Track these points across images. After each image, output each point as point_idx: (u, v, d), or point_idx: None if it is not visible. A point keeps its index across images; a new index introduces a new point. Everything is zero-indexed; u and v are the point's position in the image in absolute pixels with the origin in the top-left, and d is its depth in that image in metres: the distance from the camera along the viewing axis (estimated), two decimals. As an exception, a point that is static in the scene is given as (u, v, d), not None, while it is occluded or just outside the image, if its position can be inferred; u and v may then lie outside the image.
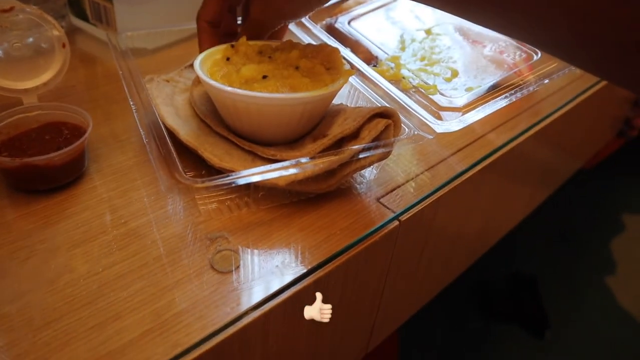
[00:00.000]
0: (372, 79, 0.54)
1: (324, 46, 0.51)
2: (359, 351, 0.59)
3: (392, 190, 0.50)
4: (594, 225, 1.97)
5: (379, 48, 0.62)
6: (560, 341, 1.55)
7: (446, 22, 0.67)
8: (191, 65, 0.57)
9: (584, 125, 0.87)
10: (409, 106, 0.50)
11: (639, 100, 1.11)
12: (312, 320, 0.45)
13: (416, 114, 0.49)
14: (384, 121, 0.46)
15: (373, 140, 0.45)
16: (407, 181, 0.52)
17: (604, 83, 0.79)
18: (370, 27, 0.66)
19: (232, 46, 0.51)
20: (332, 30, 0.67)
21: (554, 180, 0.96)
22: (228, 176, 0.40)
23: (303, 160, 0.42)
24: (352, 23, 0.67)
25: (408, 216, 0.48)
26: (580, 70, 0.80)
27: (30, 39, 0.59)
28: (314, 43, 0.52)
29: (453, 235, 0.63)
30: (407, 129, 0.47)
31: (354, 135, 0.46)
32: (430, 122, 0.49)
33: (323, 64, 0.49)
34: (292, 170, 0.42)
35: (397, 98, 0.51)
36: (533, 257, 1.82)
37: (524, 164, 0.71)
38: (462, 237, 0.67)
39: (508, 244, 1.78)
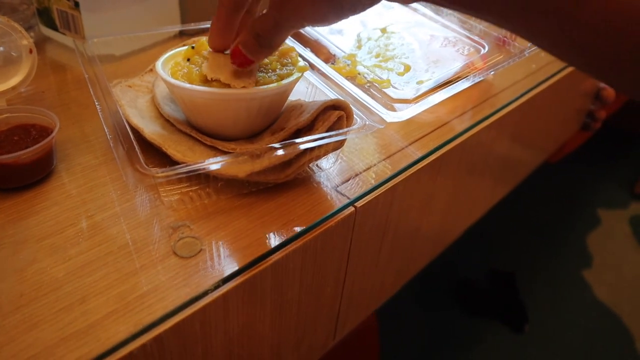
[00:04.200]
0: (329, 75, 0.56)
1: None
2: (325, 338, 0.61)
3: (347, 180, 0.53)
4: (566, 220, 2.02)
5: (336, 47, 0.65)
6: (539, 334, 1.59)
7: (400, 20, 0.70)
8: (151, 70, 0.60)
9: (542, 117, 0.91)
10: (362, 99, 0.53)
11: (600, 93, 1.15)
12: (274, 304, 0.48)
13: (368, 106, 0.52)
14: (336, 112, 0.48)
15: (327, 131, 0.48)
16: (365, 170, 0.55)
17: (560, 76, 0.83)
18: (329, 28, 0.69)
19: (193, 47, 0.53)
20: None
21: (516, 172, 0.99)
22: (187, 165, 0.42)
23: (258, 150, 0.45)
24: (313, 24, 0.70)
25: (364, 203, 0.51)
26: (536, 65, 0.84)
27: (1, 48, 0.61)
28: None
29: (413, 224, 0.66)
30: (359, 120, 0.50)
31: (309, 127, 0.49)
32: (381, 112, 0.51)
33: (279, 61, 0.52)
34: (246, 160, 0.44)
35: (351, 92, 0.54)
36: (510, 253, 1.86)
37: (482, 155, 0.74)
38: (424, 226, 0.69)
39: (485, 242, 1.83)
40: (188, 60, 0.52)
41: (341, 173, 0.54)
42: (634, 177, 2.17)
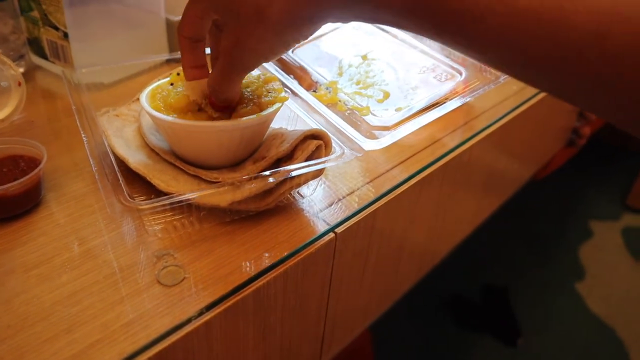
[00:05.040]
0: (310, 103, 0.58)
1: (264, 74, 0.56)
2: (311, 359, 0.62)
3: (330, 205, 0.55)
4: (558, 233, 2.03)
5: (319, 74, 0.67)
6: (533, 348, 1.60)
7: (381, 47, 0.72)
8: (138, 99, 0.61)
9: (525, 137, 0.93)
10: (342, 127, 0.55)
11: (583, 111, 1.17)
12: (257, 328, 0.49)
13: (347, 134, 0.54)
14: (315, 142, 0.50)
15: (306, 160, 0.50)
16: (349, 194, 0.56)
17: (538, 99, 0.85)
18: (312, 55, 0.71)
19: (178, 74, 0.55)
20: (278, 59, 0.72)
21: (502, 190, 1.01)
22: (169, 197, 0.44)
23: (238, 180, 0.47)
24: (296, 52, 0.72)
25: (344, 229, 0.52)
26: (517, 87, 0.86)
27: (-10, 79, 0.63)
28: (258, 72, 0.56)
29: (397, 246, 0.67)
30: (338, 148, 0.52)
31: (289, 156, 0.50)
32: (359, 140, 0.53)
33: (265, 87, 0.54)
34: (227, 190, 0.46)
35: (331, 120, 0.56)
36: (502, 268, 1.87)
37: (466, 175, 0.75)
38: (408, 248, 0.71)
39: (477, 257, 1.84)
40: (172, 84, 0.54)
41: (325, 198, 0.56)
42: (626, 190, 2.19)
